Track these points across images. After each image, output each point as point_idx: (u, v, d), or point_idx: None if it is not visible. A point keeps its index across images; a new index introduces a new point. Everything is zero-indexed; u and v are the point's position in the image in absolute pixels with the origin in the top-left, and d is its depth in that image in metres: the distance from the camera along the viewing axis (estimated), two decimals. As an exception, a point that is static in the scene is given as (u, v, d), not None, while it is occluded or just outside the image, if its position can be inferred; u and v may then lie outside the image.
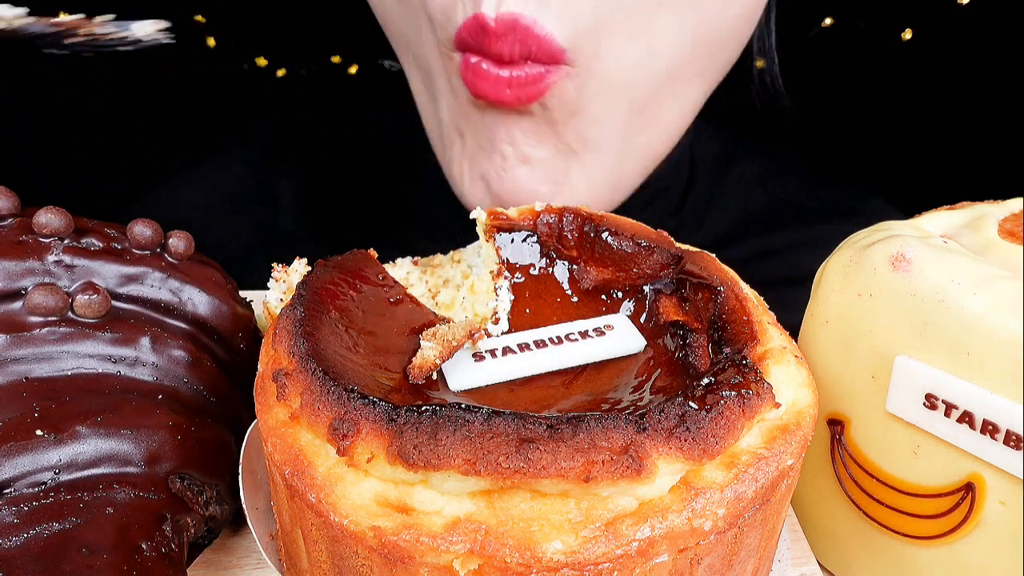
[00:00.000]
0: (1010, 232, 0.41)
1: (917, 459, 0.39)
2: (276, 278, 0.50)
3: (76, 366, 0.40)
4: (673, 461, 0.31)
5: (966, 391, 0.36)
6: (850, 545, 0.44)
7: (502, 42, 0.59)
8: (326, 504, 0.31)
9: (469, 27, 0.60)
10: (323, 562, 0.35)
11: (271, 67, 1.04)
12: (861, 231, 0.44)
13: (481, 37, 0.60)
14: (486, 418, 0.31)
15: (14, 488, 0.36)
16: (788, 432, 0.35)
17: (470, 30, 0.60)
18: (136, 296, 0.43)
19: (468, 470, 0.30)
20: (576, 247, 0.46)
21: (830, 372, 0.43)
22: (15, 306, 0.40)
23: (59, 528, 0.34)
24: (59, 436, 0.37)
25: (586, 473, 0.30)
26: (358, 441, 0.32)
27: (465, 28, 0.60)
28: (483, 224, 0.47)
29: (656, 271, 0.44)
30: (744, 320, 0.39)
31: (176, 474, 0.39)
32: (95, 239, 0.43)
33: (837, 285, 0.42)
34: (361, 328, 0.40)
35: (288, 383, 0.35)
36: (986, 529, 0.38)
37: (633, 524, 0.30)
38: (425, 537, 0.30)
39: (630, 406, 0.36)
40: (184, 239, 0.44)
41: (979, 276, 0.37)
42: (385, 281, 0.44)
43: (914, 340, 0.38)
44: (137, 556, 0.35)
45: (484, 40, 0.60)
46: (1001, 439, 0.36)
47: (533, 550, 0.29)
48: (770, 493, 0.33)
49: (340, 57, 1.03)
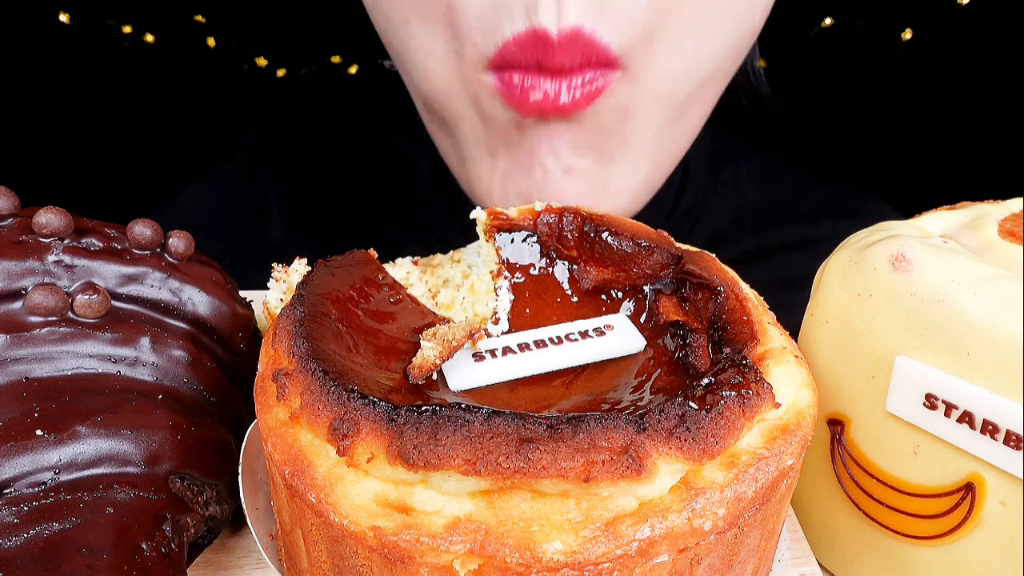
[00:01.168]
0: (1010, 232, 0.41)
1: (917, 459, 0.39)
2: (276, 278, 0.50)
3: (76, 366, 0.40)
4: (673, 461, 0.31)
5: (966, 391, 0.36)
6: (850, 545, 0.44)
7: (564, 53, 0.58)
8: (326, 504, 0.31)
9: (523, 41, 0.59)
10: (323, 562, 0.35)
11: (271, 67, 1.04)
12: (861, 231, 0.44)
13: (539, 50, 0.58)
14: (486, 418, 0.31)
15: (14, 488, 0.36)
16: (788, 432, 0.35)
17: (523, 44, 0.59)
18: (136, 296, 0.43)
19: (468, 470, 0.30)
20: (576, 247, 0.46)
21: (830, 372, 0.43)
22: (15, 306, 0.40)
23: (59, 528, 0.34)
24: (59, 436, 0.37)
25: (586, 473, 0.30)
26: (358, 441, 0.32)
27: (516, 43, 0.59)
28: (483, 224, 0.47)
29: (656, 271, 0.44)
30: (744, 320, 0.39)
31: (176, 474, 0.39)
32: (95, 239, 0.42)
33: (837, 285, 0.42)
34: (361, 328, 0.40)
35: (288, 383, 0.35)
36: (986, 529, 0.38)
37: (633, 524, 0.30)
38: (425, 537, 0.30)
39: (630, 406, 0.36)
40: (184, 239, 0.44)
41: (979, 276, 0.37)
42: (385, 281, 0.44)
43: (914, 340, 0.38)
44: (137, 556, 0.35)
45: (543, 53, 0.58)
46: (1001, 439, 0.36)
47: (533, 550, 0.29)
48: (770, 493, 0.33)
49: (340, 57, 1.03)
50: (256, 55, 1.02)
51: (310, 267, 0.50)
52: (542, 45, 0.58)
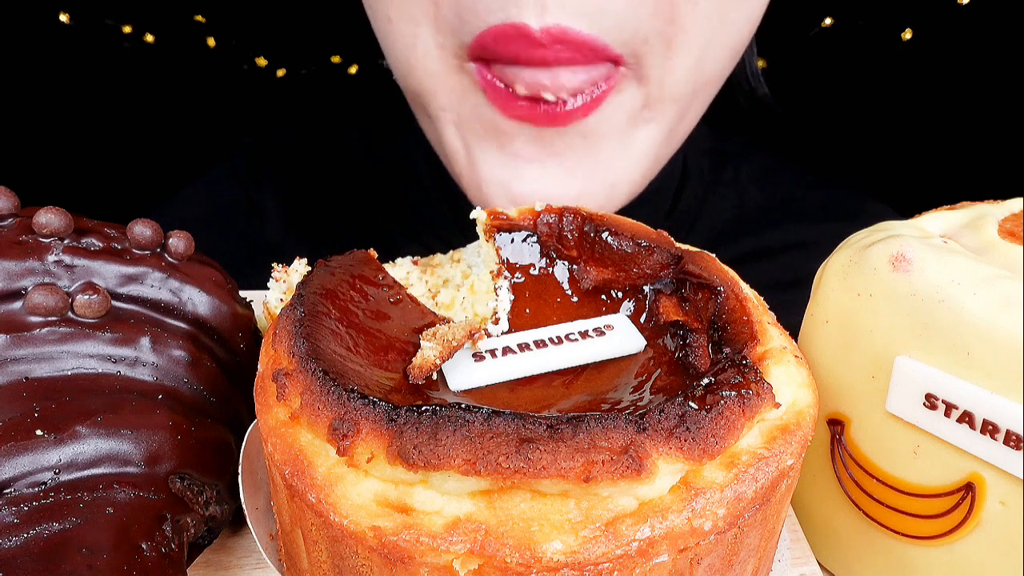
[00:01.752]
0: (1010, 232, 0.41)
1: (917, 459, 0.39)
2: (276, 278, 0.50)
3: (76, 366, 0.40)
4: (673, 461, 0.31)
5: (966, 391, 0.36)
6: (850, 545, 0.44)
7: (546, 50, 0.58)
8: (326, 504, 0.31)
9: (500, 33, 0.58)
10: (323, 562, 0.35)
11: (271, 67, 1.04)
12: (861, 231, 0.44)
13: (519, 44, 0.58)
14: (486, 418, 0.31)
15: (14, 488, 0.36)
16: (788, 432, 0.35)
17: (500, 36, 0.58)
18: (136, 296, 0.43)
19: (468, 470, 0.30)
20: (576, 247, 0.46)
21: (830, 372, 0.43)
22: (15, 306, 0.40)
23: (59, 528, 0.34)
24: (59, 436, 0.37)
25: (586, 473, 0.30)
26: (358, 441, 0.32)
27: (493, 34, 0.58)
28: (483, 224, 0.47)
29: (656, 271, 0.44)
30: (744, 320, 0.39)
31: (176, 474, 0.39)
32: (95, 239, 0.42)
33: (837, 285, 0.42)
34: (361, 328, 0.40)
35: (288, 383, 0.35)
36: (986, 529, 0.38)
37: (633, 524, 0.30)
38: (425, 537, 0.30)
39: (630, 406, 0.36)
40: (184, 239, 0.44)
41: (979, 276, 0.37)
42: (385, 281, 0.44)
43: (914, 340, 0.38)
44: (137, 556, 0.35)
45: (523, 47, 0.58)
46: (1001, 439, 0.36)
47: (533, 550, 0.29)
48: (770, 493, 0.33)
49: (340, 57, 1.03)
50: (256, 55, 1.02)
51: (310, 267, 0.50)
52: (523, 39, 0.58)
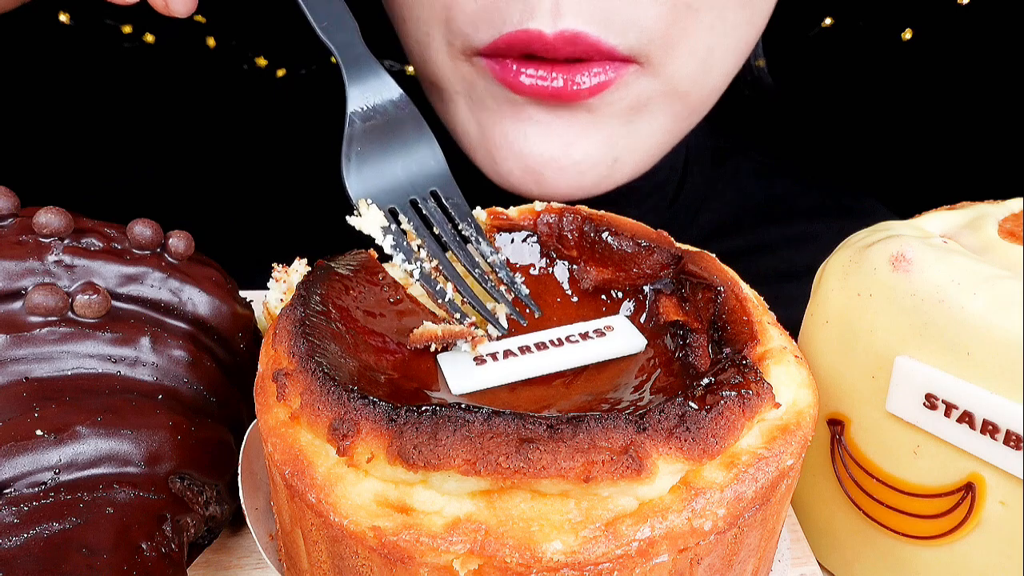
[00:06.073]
0: (1010, 232, 0.41)
1: (917, 459, 0.39)
2: (276, 278, 0.50)
3: (76, 366, 0.40)
4: (673, 461, 0.31)
5: (966, 391, 0.36)
6: (850, 545, 0.44)
7: (559, 52, 0.59)
8: (326, 504, 0.31)
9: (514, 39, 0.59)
10: (323, 562, 0.35)
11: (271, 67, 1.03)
12: (861, 231, 0.44)
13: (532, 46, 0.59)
14: (486, 418, 0.31)
15: (14, 488, 0.36)
16: (788, 432, 0.35)
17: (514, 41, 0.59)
18: (136, 296, 0.43)
19: (468, 470, 0.30)
20: (576, 247, 0.46)
21: (830, 372, 0.43)
22: (15, 306, 0.40)
23: (59, 528, 0.34)
24: (59, 436, 0.37)
25: (586, 473, 0.30)
26: (358, 441, 0.32)
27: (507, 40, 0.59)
28: (483, 224, 0.47)
29: (656, 271, 0.44)
30: (744, 320, 0.39)
31: (176, 474, 0.39)
32: (95, 239, 0.42)
33: (837, 285, 0.42)
34: (361, 328, 0.40)
35: (288, 383, 0.35)
36: (986, 529, 0.38)
37: (633, 524, 0.30)
38: (425, 537, 0.30)
39: (630, 406, 0.36)
40: (184, 239, 0.44)
41: (979, 276, 0.37)
42: (385, 281, 0.44)
43: (914, 340, 0.38)
44: (137, 556, 0.35)
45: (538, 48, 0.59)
46: (1001, 439, 0.36)
47: (533, 550, 0.29)
48: (770, 493, 0.33)
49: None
50: (256, 55, 1.02)
51: (310, 267, 0.50)
52: (537, 43, 0.59)
